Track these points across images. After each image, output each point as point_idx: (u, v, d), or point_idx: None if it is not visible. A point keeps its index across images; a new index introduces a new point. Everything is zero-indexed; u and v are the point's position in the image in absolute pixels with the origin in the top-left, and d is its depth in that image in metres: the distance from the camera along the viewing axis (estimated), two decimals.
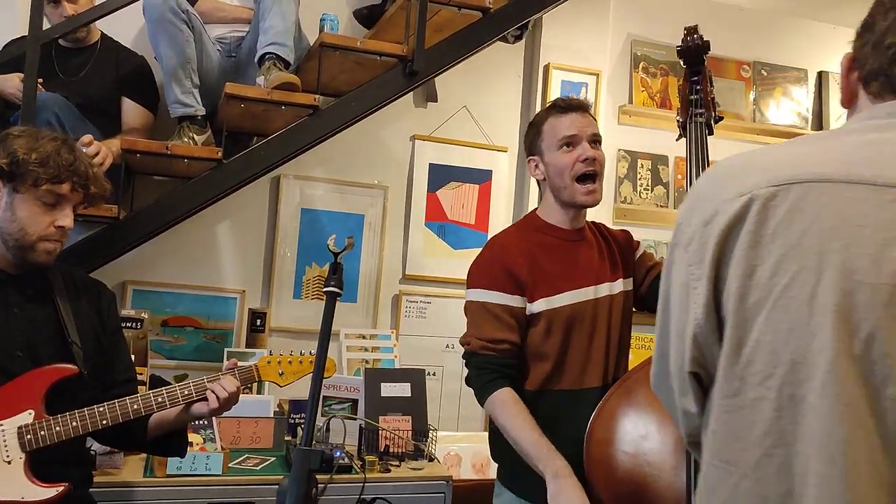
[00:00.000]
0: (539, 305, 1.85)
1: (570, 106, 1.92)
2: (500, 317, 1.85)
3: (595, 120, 1.97)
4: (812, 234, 0.85)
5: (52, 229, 1.73)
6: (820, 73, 4.20)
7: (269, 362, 1.93)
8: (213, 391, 1.78)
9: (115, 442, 1.99)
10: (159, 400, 1.76)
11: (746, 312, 0.88)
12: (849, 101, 1.02)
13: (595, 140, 1.91)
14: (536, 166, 1.95)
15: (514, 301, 1.86)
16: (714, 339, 0.92)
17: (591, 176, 1.88)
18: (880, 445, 0.83)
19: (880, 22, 0.95)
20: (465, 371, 1.94)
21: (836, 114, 4.17)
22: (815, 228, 0.85)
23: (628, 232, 2.09)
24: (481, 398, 1.86)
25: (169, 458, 2.28)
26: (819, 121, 4.19)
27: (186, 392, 1.78)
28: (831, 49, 4.22)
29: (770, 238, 0.87)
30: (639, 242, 2.09)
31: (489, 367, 1.85)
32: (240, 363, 1.89)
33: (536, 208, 2.02)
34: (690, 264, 0.94)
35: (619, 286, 1.95)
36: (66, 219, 1.74)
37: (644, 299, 2.01)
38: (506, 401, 1.80)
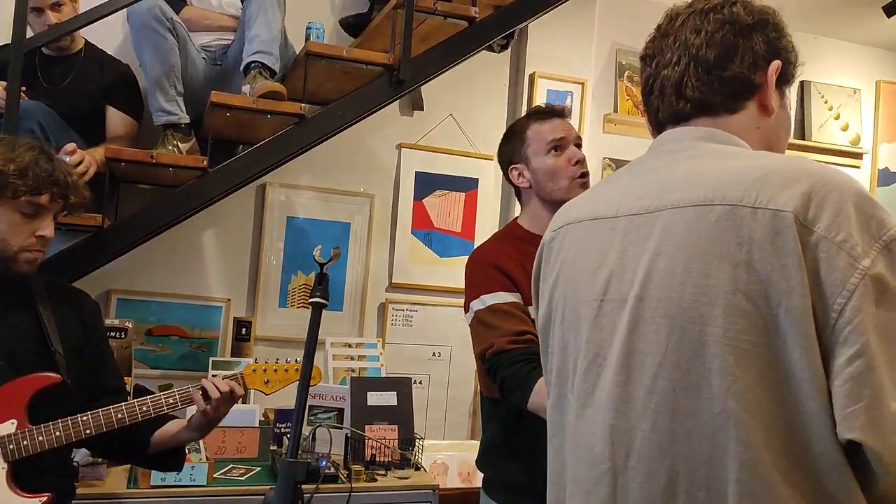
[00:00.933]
0: (531, 312, 1.84)
1: (553, 111, 1.94)
2: (513, 313, 1.77)
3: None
4: (564, 266, 1.08)
5: (32, 239, 1.72)
6: (802, 83, 4.25)
7: (254, 370, 1.92)
8: (203, 387, 1.76)
9: (114, 454, 1.98)
10: (144, 409, 1.75)
11: (542, 334, 1.14)
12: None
13: (580, 143, 1.94)
14: (520, 174, 1.94)
15: (516, 298, 1.80)
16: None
17: (585, 175, 1.90)
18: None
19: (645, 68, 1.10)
20: (476, 383, 1.91)
21: (818, 122, 4.22)
22: (565, 262, 1.08)
23: None
24: (524, 394, 1.65)
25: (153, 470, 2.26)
26: (801, 129, 4.23)
27: (171, 401, 1.77)
28: (813, 58, 4.27)
29: (549, 273, 1.12)
30: None
31: (523, 358, 1.68)
32: (225, 372, 1.88)
33: (516, 218, 2.02)
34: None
35: None
36: (46, 228, 1.73)
37: None
38: None
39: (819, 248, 0.81)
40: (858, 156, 4.34)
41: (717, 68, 0.99)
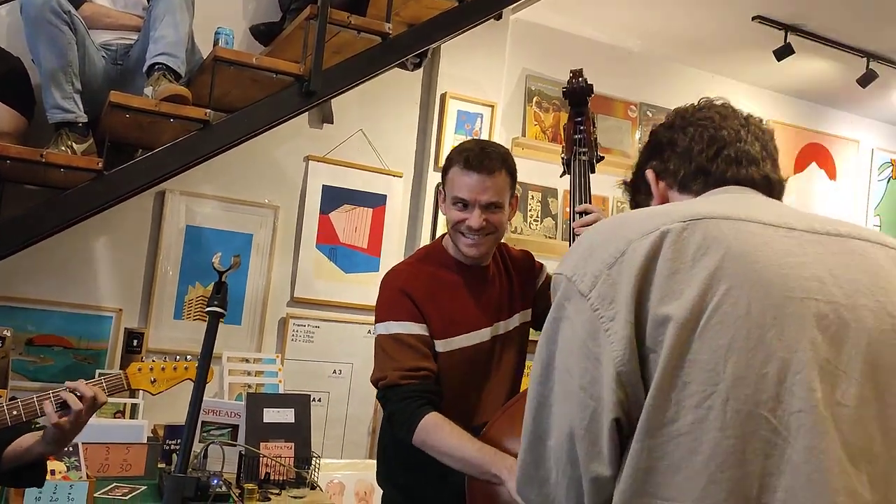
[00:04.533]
0: (438, 346, 1.83)
1: (476, 166, 1.80)
2: (414, 346, 1.79)
3: (507, 178, 1.85)
4: (729, 257, 0.90)
5: None
6: None
7: (139, 369, 1.82)
8: (62, 398, 1.64)
9: None
10: (14, 413, 1.63)
11: (678, 335, 0.87)
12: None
13: (491, 205, 1.82)
14: (442, 201, 1.91)
15: (422, 330, 1.82)
16: (638, 376, 0.89)
17: (473, 242, 1.84)
18: (844, 452, 0.85)
19: (680, 138, 1.14)
20: (373, 408, 1.89)
21: None
22: (730, 253, 0.91)
23: (529, 254, 2.08)
24: (409, 429, 1.71)
25: (26, 489, 2.11)
26: None
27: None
28: (710, 95, 4.48)
29: (690, 264, 0.90)
30: (541, 265, 2.07)
31: (413, 395, 1.74)
32: (107, 371, 1.77)
33: (442, 237, 2.00)
34: (596, 308, 0.92)
35: (515, 321, 1.95)
36: None
37: None
38: (437, 423, 1.70)
39: None
40: None
41: None
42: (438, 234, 2.16)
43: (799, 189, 4.76)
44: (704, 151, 1.11)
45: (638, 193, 1.21)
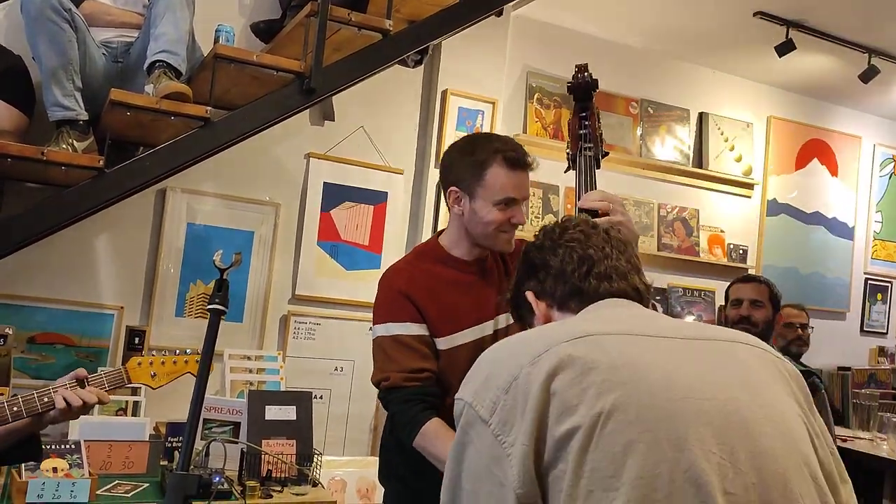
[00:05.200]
0: (440, 343, 1.83)
1: (523, 163, 1.83)
2: (414, 346, 1.80)
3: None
4: (614, 369, 0.98)
5: None
6: (701, 114, 4.45)
7: (139, 364, 1.82)
8: (65, 399, 1.64)
9: None
10: (14, 409, 1.62)
11: (578, 448, 0.92)
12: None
13: (527, 198, 1.89)
14: (458, 201, 1.86)
15: (422, 330, 1.82)
16: (537, 493, 0.94)
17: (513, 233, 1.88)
18: None
19: (552, 259, 1.23)
20: (380, 409, 1.88)
21: (714, 153, 4.42)
22: (615, 365, 0.98)
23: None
24: (410, 433, 1.74)
25: (29, 484, 2.12)
26: (699, 157, 4.43)
27: (46, 399, 1.65)
28: (711, 92, 4.48)
29: (580, 380, 0.96)
30: None
31: (415, 398, 1.75)
32: (108, 368, 1.77)
33: (440, 233, 1.99)
34: (497, 434, 0.97)
35: None
36: None
37: None
38: (438, 430, 1.70)
39: None
40: (750, 186, 4.57)
41: None
42: (439, 230, 2.16)
43: (801, 185, 4.76)
44: (577, 271, 1.20)
45: (521, 309, 1.31)
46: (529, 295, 1.25)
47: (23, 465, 2.18)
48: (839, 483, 1.06)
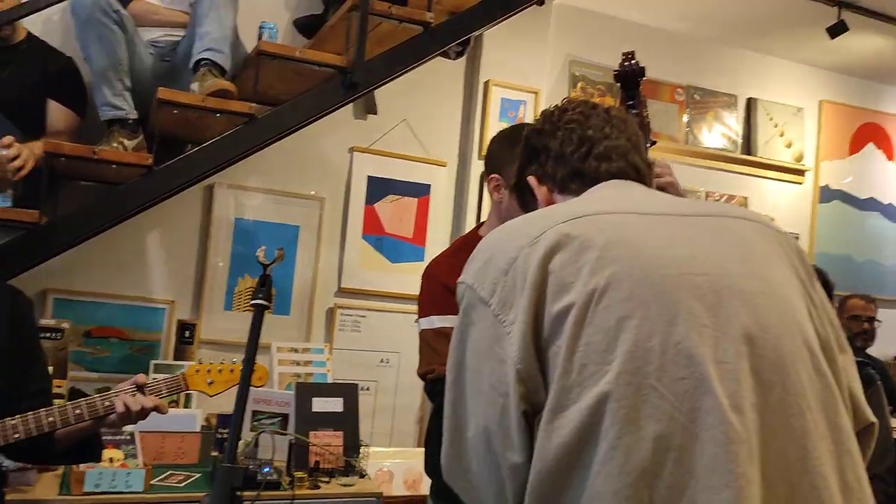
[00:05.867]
0: None
1: None
2: None
3: None
4: (609, 246, 0.99)
5: None
6: (749, 100, 4.35)
7: (197, 371, 1.87)
8: (125, 404, 1.70)
9: (22, 456, 1.89)
10: (77, 412, 1.68)
11: (573, 323, 0.95)
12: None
13: None
14: (499, 188, 1.86)
15: None
16: (536, 368, 0.96)
17: None
18: (727, 402, 0.92)
19: (551, 142, 1.22)
20: (425, 403, 1.89)
21: (764, 139, 4.32)
22: (610, 243, 1.00)
23: None
24: None
25: (86, 475, 2.18)
26: (748, 144, 4.33)
27: (107, 403, 1.70)
28: (760, 76, 4.38)
29: (575, 258, 0.99)
30: None
31: None
32: (166, 375, 1.83)
33: (479, 225, 1.98)
34: (497, 314, 1.00)
35: None
36: None
37: None
38: None
39: None
40: (801, 172, 4.46)
41: None
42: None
43: (855, 171, 4.62)
44: (576, 152, 1.20)
45: (523, 196, 1.30)
46: (531, 179, 1.25)
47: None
48: (836, 352, 1.06)
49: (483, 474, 1.02)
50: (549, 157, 1.22)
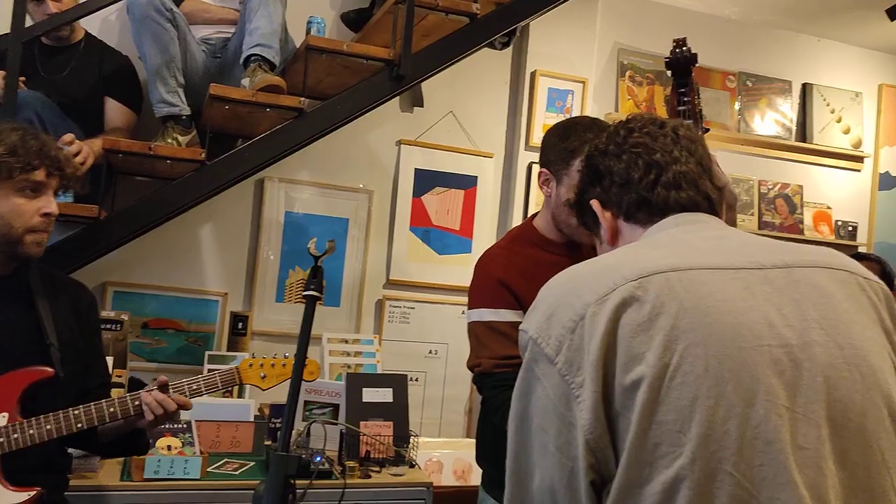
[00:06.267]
0: None
1: None
2: (507, 333, 1.78)
3: None
4: (683, 314, 0.94)
5: (37, 219, 1.70)
6: (804, 85, 4.23)
7: (250, 365, 1.91)
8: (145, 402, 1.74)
9: (71, 445, 1.95)
10: (136, 404, 1.74)
11: (646, 398, 0.90)
12: (613, 238, 1.18)
13: None
14: (547, 182, 1.87)
15: (517, 317, 1.79)
16: (607, 440, 0.92)
17: None
18: (808, 493, 0.88)
19: (616, 166, 1.15)
20: (475, 395, 1.89)
21: (820, 125, 4.21)
22: (683, 309, 0.94)
23: None
24: (502, 417, 1.74)
25: (147, 462, 2.25)
26: (803, 131, 4.22)
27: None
28: (815, 61, 4.26)
29: (647, 326, 0.93)
30: None
31: (504, 383, 1.72)
32: (221, 366, 1.87)
33: (534, 215, 1.98)
34: (565, 375, 0.95)
35: None
36: (50, 205, 1.72)
37: None
38: None
39: None
40: (860, 159, 4.33)
41: None
42: (530, 214, 2.14)
43: None
44: (643, 179, 1.13)
45: (585, 216, 1.24)
46: (595, 204, 1.19)
47: None
48: None
49: None
50: (613, 181, 1.16)
